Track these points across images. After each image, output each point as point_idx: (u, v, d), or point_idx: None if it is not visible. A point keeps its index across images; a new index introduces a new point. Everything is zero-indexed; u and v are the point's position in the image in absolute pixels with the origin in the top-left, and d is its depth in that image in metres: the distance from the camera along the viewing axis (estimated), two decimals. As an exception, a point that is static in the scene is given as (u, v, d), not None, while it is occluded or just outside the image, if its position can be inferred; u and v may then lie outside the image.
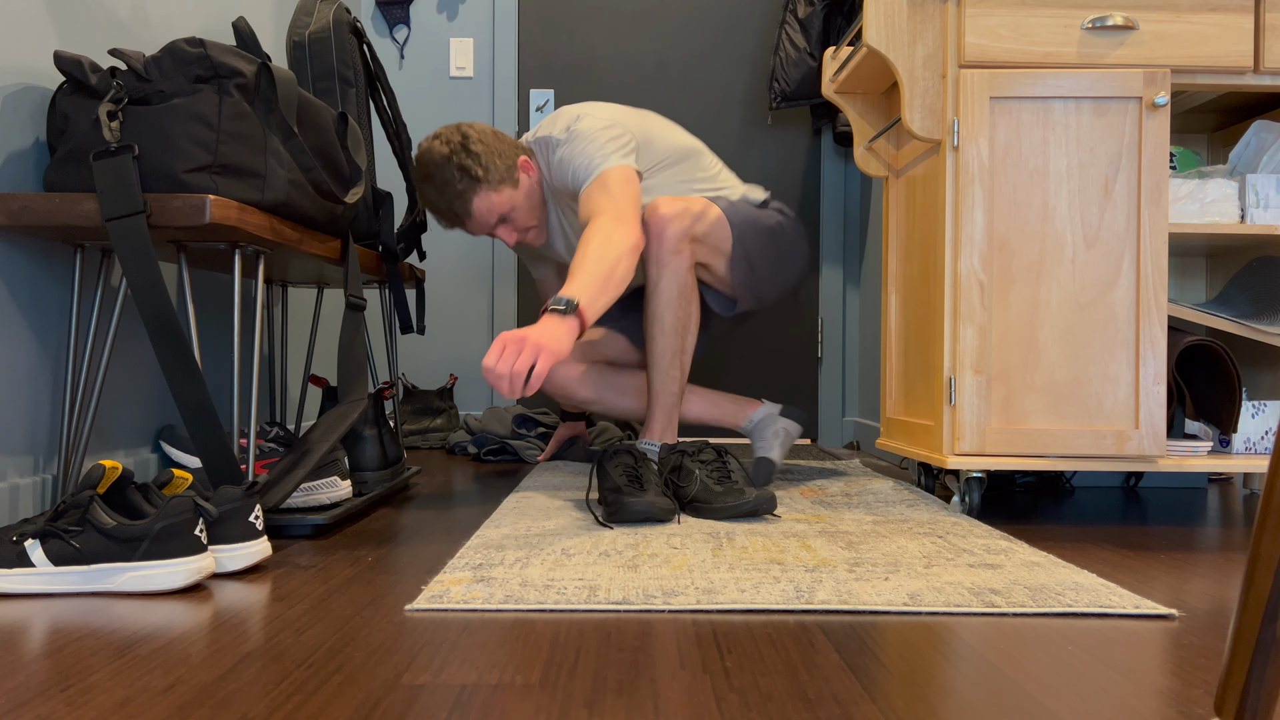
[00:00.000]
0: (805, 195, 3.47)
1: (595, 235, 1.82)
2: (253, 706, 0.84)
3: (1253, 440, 1.95)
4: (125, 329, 1.87)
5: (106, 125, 1.43)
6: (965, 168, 1.80)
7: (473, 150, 2.04)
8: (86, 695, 0.86)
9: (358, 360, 1.80)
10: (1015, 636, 1.06)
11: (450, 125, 2.10)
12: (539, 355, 1.55)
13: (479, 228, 2.14)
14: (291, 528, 1.60)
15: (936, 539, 1.56)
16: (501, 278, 3.42)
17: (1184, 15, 1.80)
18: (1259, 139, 1.96)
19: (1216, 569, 1.42)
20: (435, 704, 0.85)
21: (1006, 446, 1.79)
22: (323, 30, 2.03)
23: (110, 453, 1.83)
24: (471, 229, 2.15)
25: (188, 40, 1.51)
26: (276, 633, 1.05)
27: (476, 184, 2.04)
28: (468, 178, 2.04)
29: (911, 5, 1.84)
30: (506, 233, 2.15)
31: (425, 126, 3.43)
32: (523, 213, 2.14)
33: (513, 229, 2.16)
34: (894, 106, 2.24)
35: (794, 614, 1.14)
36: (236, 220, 1.47)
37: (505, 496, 2.07)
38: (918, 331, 2.04)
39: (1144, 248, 1.79)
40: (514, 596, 1.19)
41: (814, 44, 3.12)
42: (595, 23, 3.43)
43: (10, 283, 1.55)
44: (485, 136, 2.08)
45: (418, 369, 3.45)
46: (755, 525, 1.68)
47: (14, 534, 1.23)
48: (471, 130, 2.08)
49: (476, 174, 2.03)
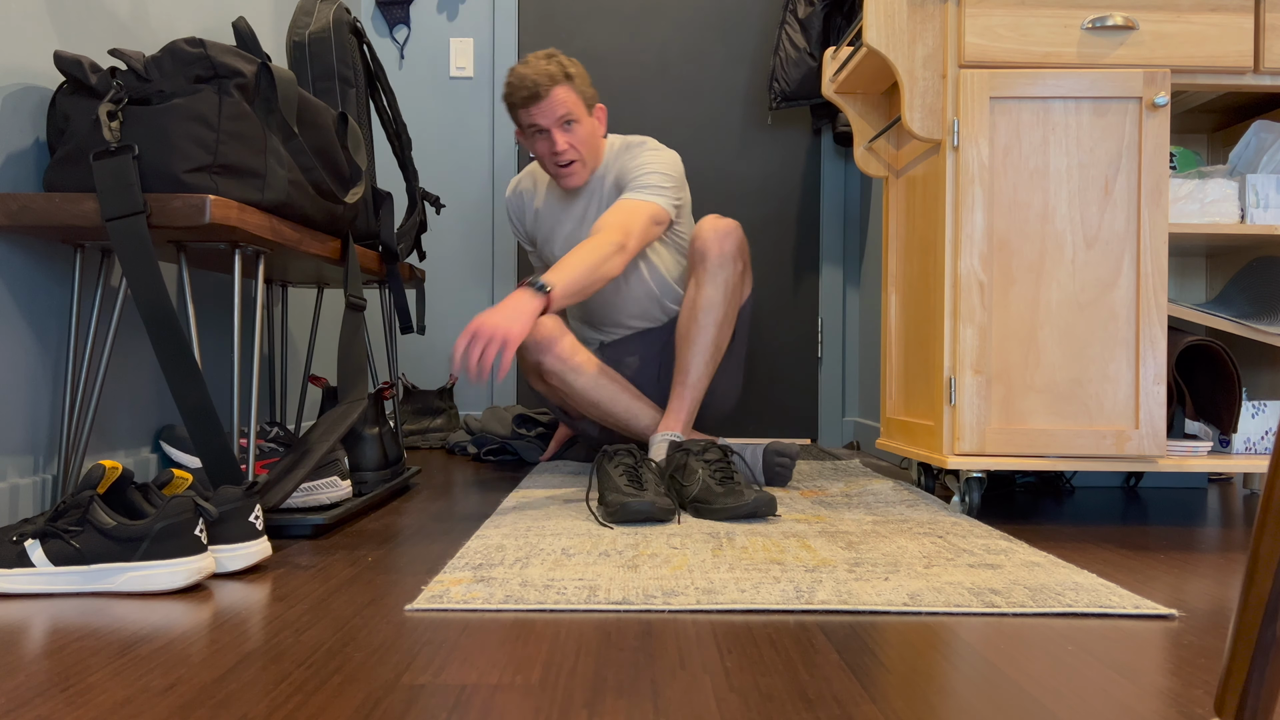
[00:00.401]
0: (805, 195, 3.47)
1: (596, 243, 2.02)
2: (253, 706, 0.84)
3: (1253, 440, 1.95)
4: (125, 329, 1.87)
5: (106, 125, 1.43)
6: (965, 168, 1.80)
7: (574, 64, 2.27)
8: (86, 695, 0.86)
9: (358, 360, 1.80)
10: (1015, 636, 1.06)
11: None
12: (505, 344, 1.74)
13: (548, 111, 2.22)
14: (291, 528, 1.60)
15: (936, 539, 1.56)
16: (501, 278, 3.42)
17: (1184, 15, 1.80)
18: (1259, 139, 1.96)
19: (1216, 569, 1.42)
20: (435, 704, 0.85)
21: (1006, 446, 1.79)
22: (323, 30, 2.03)
23: (110, 453, 1.83)
24: (541, 108, 2.22)
25: (188, 40, 1.51)
26: (276, 633, 1.05)
27: (569, 79, 2.23)
28: (564, 72, 2.24)
29: (911, 5, 1.84)
30: (561, 135, 2.24)
31: (425, 126, 3.43)
32: (581, 138, 2.27)
33: (567, 138, 2.25)
34: (894, 106, 2.24)
35: (794, 614, 1.14)
36: (236, 220, 1.47)
37: (505, 496, 2.07)
38: (918, 331, 2.04)
39: (1144, 248, 1.79)
40: (514, 596, 1.19)
41: (814, 44, 3.12)
42: (595, 22, 3.43)
43: (10, 283, 1.55)
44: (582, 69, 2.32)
45: (418, 369, 3.45)
46: (755, 525, 1.68)
47: (14, 534, 1.23)
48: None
49: (571, 72, 2.24)
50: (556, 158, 2.27)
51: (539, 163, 2.37)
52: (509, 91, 2.24)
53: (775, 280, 3.46)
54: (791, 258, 3.47)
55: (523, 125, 2.27)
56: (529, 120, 2.24)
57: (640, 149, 2.32)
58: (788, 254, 3.46)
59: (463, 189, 3.44)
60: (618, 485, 1.75)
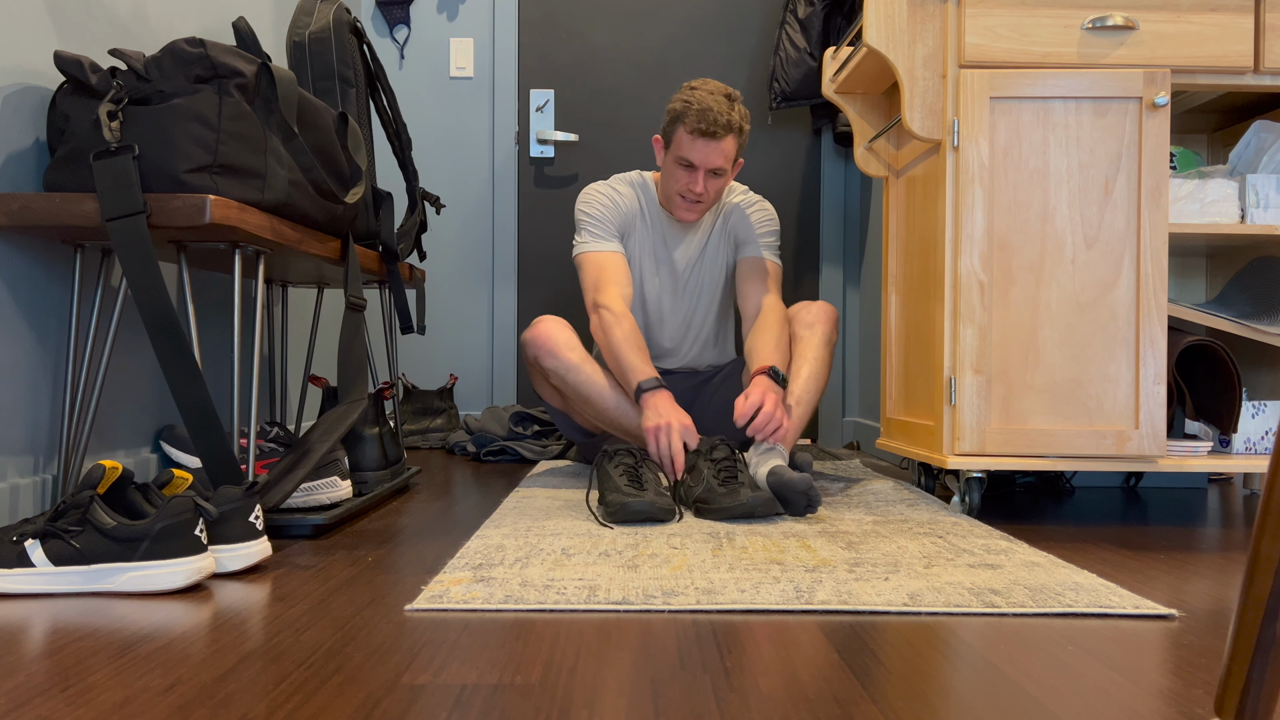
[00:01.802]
0: (805, 195, 3.47)
1: (774, 325, 2.22)
2: (253, 706, 0.84)
3: (1253, 440, 1.95)
4: (125, 329, 1.87)
5: (106, 125, 1.43)
6: (965, 168, 1.80)
7: (747, 118, 2.31)
8: (86, 695, 0.86)
9: (358, 360, 1.80)
10: (1015, 636, 1.06)
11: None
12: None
13: (716, 153, 2.25)
14: (291, 528, 1.60)
15: (936, 539, 1.56)
16: (501, 278, 3.42)
17: (1184, 15, 1.80)
18: (1259, 139, 1.96)
19: (1216, 569, 1.42)
20: (435, 704, 0.85)
21: (1006, 446, 1.79)
22: (323, 30, 2.03)
23: (110, 453, 1.83)
24: (709, 148, 2.24)
25: (188, 40, 1.51)
26: (276, 633, 1.05)
27: (740, 134, 2.28)
28: (741, 126, 2.28)
29: (911, 5, 1.84)
30: (703, 179, 2.29)
31: (425, 126, 3.43)
32: (719, 187, 2.33)
33: (708, 184, 2.31)
34: (894, 106, 2.24)
35: (794, 614, 1.14)
36: (236, 220, 1.47)
37: (505, 496, 2.07)
38: (918, 331, 2.04)
39: (1144, 248, 1.79)
40: (514, 596, 1.19)
41: (814, 44, 3.12)
42: (595, 23, 3.43)
43: (10, 283, 1.55)
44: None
45: (418, 369, 3.45)
46: (755, 525, 1.68)
47: (14, 534, 1.23)
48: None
49: (745, 128, 2.29)
50: (691, 194, 2.30)
51: (664, 185, 2.38)
52: (686, 110, 2.22)
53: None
54: (791, 258, 3.47)
55: (676, 149, 2.26)
56: (687, 151, 2.24)
57: (762, 210, 2.46)
58: (788, 254, 3.46)
59: (463, 189, 3.44)
60: (618, 485, 1.75)
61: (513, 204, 3.42)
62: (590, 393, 2.23)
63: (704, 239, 2.46)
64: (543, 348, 2.25)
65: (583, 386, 2.23)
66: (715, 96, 2.22)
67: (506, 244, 3.42)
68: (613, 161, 3.43)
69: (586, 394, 2.23)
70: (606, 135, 3.44)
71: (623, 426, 2.24)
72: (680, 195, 2.31)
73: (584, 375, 2.23)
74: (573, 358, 2.24)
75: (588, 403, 2.24)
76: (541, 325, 2.27)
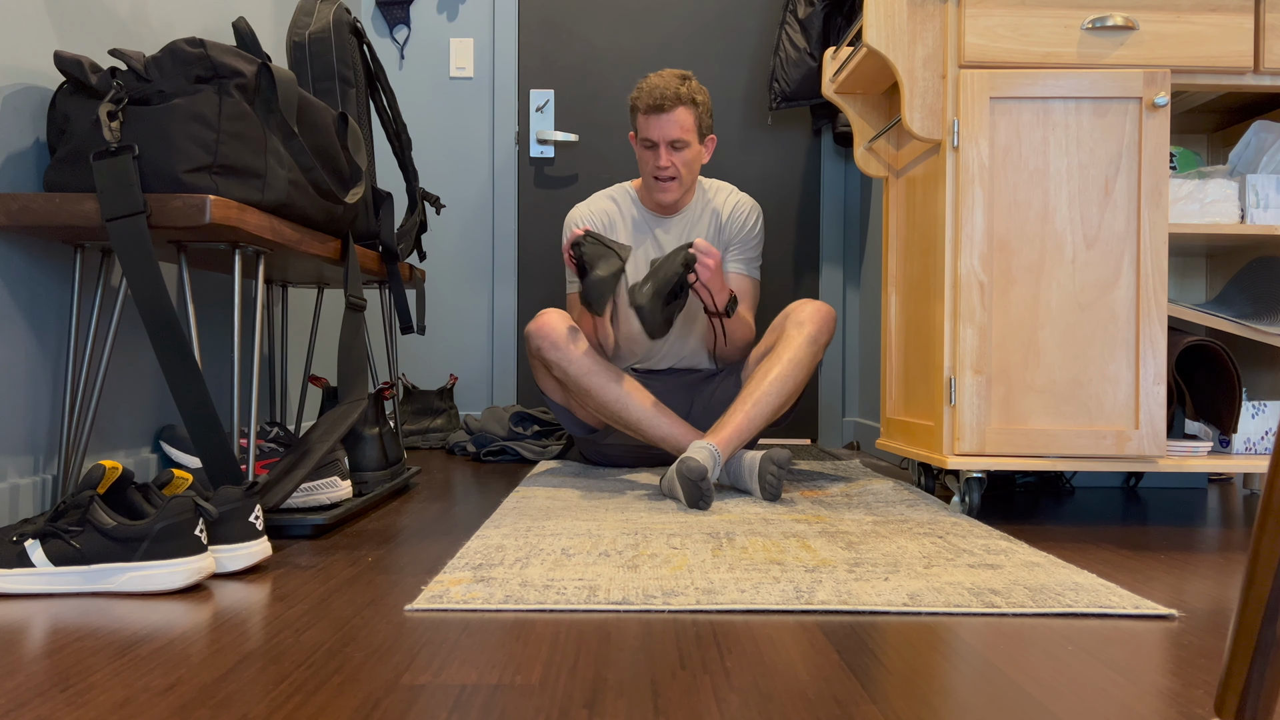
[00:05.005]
0: (805, 195, 3.47)
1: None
2: (253, 706, 0.84)
3: (1253, 440, 1.95)
4: (125, 329, 1.87)
5: (106, 125, 1.43)
6: (965, 168, 1.80)
7: (702, 92, 2.43)
8: (86, 695, 0.86)
9: (358, 360, 1.80)
10: (1015, 636, 1.06)
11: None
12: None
13: (670, 124, 2.37)
14: (291, 528, 1.60)
15: (936, 539, 1.56)
16: (501, 278, 3.42)
17: (1184, 15, 1.80)
18: (1259, 139, 1.96)
19: (1216, 569, 1.42)
20: (435, 704, 0.85)
21: (1006, 447, 1.79)
22: (323, 30, 2.03)
23: (110, 453, 1.83)
24: (661, 121, 2.36)
25: (188, 40, 1.51)
26: (276, 633, 1.05)
27: (694, 105, 2.39)
28: (691, 97, 2.39)
29: (911, 5, 1.84)
30: (665, 153, 2.39)
31: (425, 126, 3.43)
32: (685, 159, 2.42)
33: (675, 158, 2.40)
34: (894, 106, 2.24)
35: (794, 614, 1.14)
36: (236, 220, 1.47)
37: (505, 497, 2.07)
38: (918, 331, 2.04)
39: (1144, 248, 1.79)
40: (514, 597, 1.19)
41: (814, 44, 3.12)
42: (595, 23, 3.43)
43: (10, 283, 1.55)
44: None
45: (418, 369, 3.45)
46: (755, 525, 1.68)
47: (14, 534, 1.23)
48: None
49: (697, 99, 2.40)
50: (658, 171, 2.41)
51: (641, 176, 2.50)
52: (636, 95, 2.38)
53: (775, 280, 3.46)
54: (791, 258, 3.47)
55: (638, 132, 2.41)
56: (644, 130, 2.38)
57: (753, 212, 2.56)
58: (788, 254, 3.46)
59: (463, 189, 3.44)
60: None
61: (512, 204, 3.42)
62: (592, 385, 2.23)
63: (698, 232, 2.54)
64: (546, 339, 2.25)
65: (585, 379, 2.23)
66: (663, 76, 2.38)
67: (506, 244, 3.42)
68: (612, 161, 3.43)
69: (588, 386, 2.23)
70: (606, 135, 3.44)
71: (625, 420, 2.24)
72: (654, 177, 2.43)
73: (586, 367, 2.24)
74: (575, 350, 2.25)
75: (589, 395, 2.24)
76: (545, 317, 2.28)
